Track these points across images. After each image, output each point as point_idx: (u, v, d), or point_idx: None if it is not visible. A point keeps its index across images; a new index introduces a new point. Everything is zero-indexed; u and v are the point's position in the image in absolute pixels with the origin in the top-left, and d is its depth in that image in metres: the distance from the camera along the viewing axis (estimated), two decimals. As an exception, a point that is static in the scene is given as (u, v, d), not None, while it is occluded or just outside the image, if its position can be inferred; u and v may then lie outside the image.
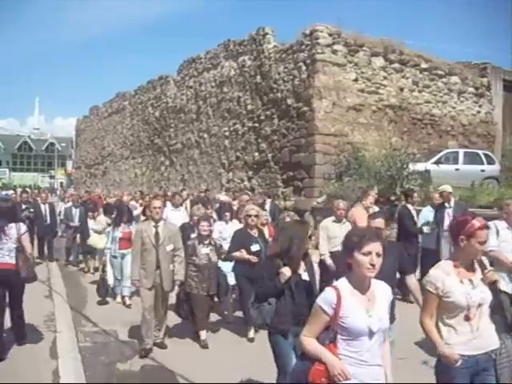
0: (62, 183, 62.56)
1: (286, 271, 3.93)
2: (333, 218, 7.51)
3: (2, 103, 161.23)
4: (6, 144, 79.92)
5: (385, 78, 17.28)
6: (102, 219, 10.25)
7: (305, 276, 4.06)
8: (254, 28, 18.95)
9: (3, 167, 78.02)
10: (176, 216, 9.90)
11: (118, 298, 8.69)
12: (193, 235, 7.06)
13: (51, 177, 70.20)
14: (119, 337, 6.65)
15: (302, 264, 4.09)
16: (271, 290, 3.96)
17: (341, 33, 16.33)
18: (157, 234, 6.06)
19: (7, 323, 5.96)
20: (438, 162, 14.11)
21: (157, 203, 6.23)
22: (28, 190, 21.78)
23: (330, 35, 16.12)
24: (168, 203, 11.06)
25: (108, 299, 8.73)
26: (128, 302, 8.47)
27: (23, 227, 5.99)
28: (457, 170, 14.12)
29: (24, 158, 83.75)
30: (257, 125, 18.29)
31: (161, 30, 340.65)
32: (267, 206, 12.00)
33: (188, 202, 12.66)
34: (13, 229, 5.81)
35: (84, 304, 8.58)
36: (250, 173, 18.66)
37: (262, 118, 18.00)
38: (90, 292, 9.28)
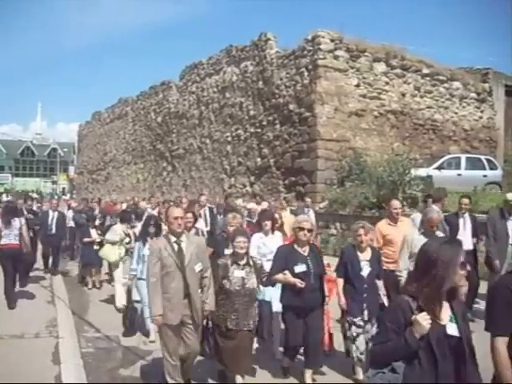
0: (64, 188, 62.62)
1: (423, 319, 2.46)
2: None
3: (4, 108, 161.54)
4: (9, 149, 79.96)
5: (386, 83, 17.33)
6: (118, 228, 8.69)
7: (452, 329, 2.55)
8: (256, 34, 19.08)
9: (6, 172, 78.15)
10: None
11: (152, 336, 6.47)
12: (226, 251, 5.71)
13: (53, 182, 70.25)
14: (122, 342, 6.63)
15: (447, 308, 2.60)
16: (398, 350, 2.50)
17: (343, 38, 16.40)
18: (180, 251, 4.70)
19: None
20: (440, 168, 14.11)
21: (177, 212, 4.85)
22: (35, 195, 20.99)
23: (332, 41, 16.19)
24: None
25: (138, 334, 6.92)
26: (152, 337, 6.47)
27: (23, 220, 8.58)
28: (459, 175, 14.12)
29: (26, 163, 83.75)
30: (259, 130, 18.33)
31: (163, 36, 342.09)
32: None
33: (207, 209, 10.91)
34: (16, 221, 8.41)
35: (86, 310, 8.56)
36: (252, 178, 18.68)
37: (264, 123, 18.03)
38: (93, 297, 9.27)
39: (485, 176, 14.32)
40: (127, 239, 8.11)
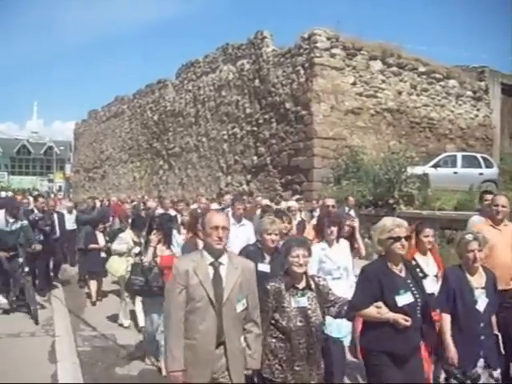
0: (60, 187, 62.46)
1: None
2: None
3: (0, 107, 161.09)
4: (5, 148, 79.73)
5: (383, 81, 17.35)
6: (127, 236, 7.23)
7: None
8: (252, 32, 19.03)
9: (2, 171, 77.95)
10: (238, 235, 6.21)
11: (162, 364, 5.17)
12: (261, 266, 4.29)
13: (50, 180, 70.05)
14: (118, 341, 6.63)
15: None
16: None
17: (339, 36, 16.40)
18: (218, 279, 3.23)
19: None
20: (436, 166, 14.15)
21: (219, 219, 3.30)
22: (43, 194, 19.34)
23: (329, 39, 16.19)
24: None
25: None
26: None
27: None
28: (455, 173, 14.16)
29: (23, 161, 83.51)
30: (255, 128, 18.32)
31: (159, 34, 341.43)
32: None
33: (258, 211, 8.96)
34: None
35: (83, 308, 8.57)
36: (249, 176, 18.67)
37: (261, 121, 18.02)
38: (88, 294, 9.26)
39: (481, 174, 14.35)
40: (136, 249, 6.57)
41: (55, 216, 10.44)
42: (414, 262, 4.40)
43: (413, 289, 3.45)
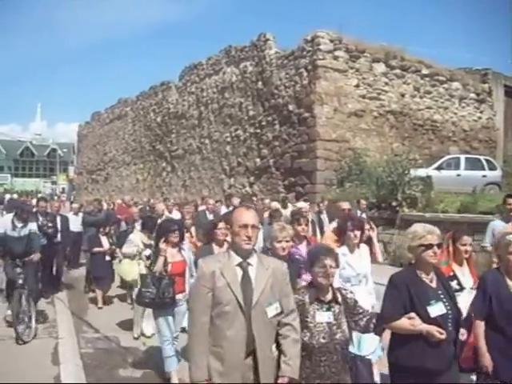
0: (63, 189, 62.61)
1: None
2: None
3: (4, 109, 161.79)
4: (8, 150, 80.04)
5: (386, 83, 17.34)
6: (136, 238, 6.97)
7: None
8: (255, 34, 19.06)
9: (5, 173, 78.28)
10: None
11: (175, 378, 5.12)
12: (300, 281, 4.13)
13: (53, 182, 70.27)
14: (121, 343, 6.63)
15: None
16: None
17: (342, 39, 16.40)
18: (247, 281, 2.96)
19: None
20: (439, 168, 14.11)
21: (249, 217, 3.01)
22: (46, 197, 18.78)
23: (332, 41, 16.19)
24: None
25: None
26: (175, 379, 5.14)
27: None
28: (458, 175, 14.11)
29: (26, 163, 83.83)
30: (258, 131, 18.32)
31: (163, 36, 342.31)
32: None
33: (266, 213, 8.95)
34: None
35: (86, 310, 8.57)
36: (252, 178, 18.67)
37: (264, 123, 18.03)
38: (92, 298, 9.26)
39: (484, 176, 14.30)
40: (147, 251, 6.25)
41: (58, 219, 10.17)
42: (451, 273, 4.20)
43: (444, 300, 3.24)
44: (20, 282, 6.68)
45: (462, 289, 4.16)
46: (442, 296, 3.24)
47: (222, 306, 2.86)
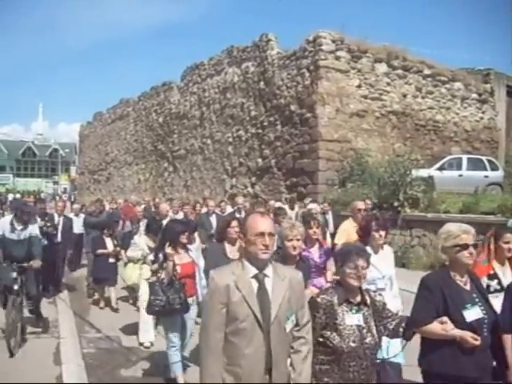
0: (65, 189, 62.67)
1: None
2: None
3: (5, 109, 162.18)
4: (10, 150, 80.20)
5: (388, 84, 17.34)
6: (141, 241, 6.79)
7: None
8: (257, 34, 19.09)
9: (7, 173, 78.41)
10: None
11: (181, 379, 4.99)
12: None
13: (55, 182, 70.31)
14: (123, 343, 6.63)
15: None
16: None
17: (344, 39, 16.41)
18: (264, 294, 2.71)
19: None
20: (441, 168, 14.09)
21: (264, 224, 2.76)
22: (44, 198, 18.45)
23: (334, 41, 16.20)
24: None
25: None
26: (181, 380, 5.02)
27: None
28: (460, 176, 14.10)
29: (28, 163, 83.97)
30: (260, 131, 18.33)
31: (164, 36, 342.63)
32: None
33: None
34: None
35: (87, 310, 8.56)
36: (254, 179, 18.67)
37: (266, 124, 18.03)
38: (94, 299, 9.25)
39: (486, 177, 14.28)
40: (152, 256, 5.90)
41: (61, 220, 9.80)
42: (492, 272, 3.99)
43: (479, 303, 3.06)
44: (15, 287, 6.16)
45: (502, 289, 3.86)
46: (477, 299, 3.08)
47: (239, 323, 2.63)
